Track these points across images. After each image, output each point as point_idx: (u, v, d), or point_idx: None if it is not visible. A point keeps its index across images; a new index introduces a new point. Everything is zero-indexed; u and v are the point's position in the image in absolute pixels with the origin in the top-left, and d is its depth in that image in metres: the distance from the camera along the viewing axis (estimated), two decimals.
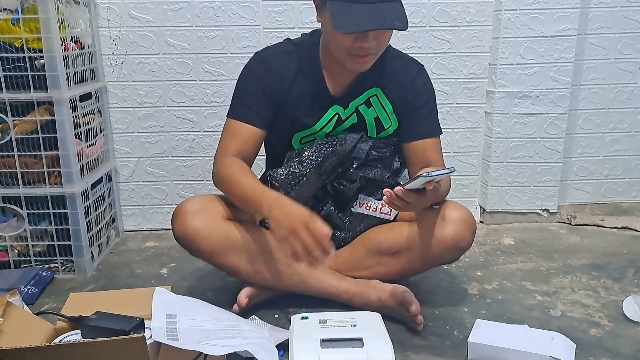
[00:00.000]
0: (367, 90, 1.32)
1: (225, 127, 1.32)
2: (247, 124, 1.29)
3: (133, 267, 1.68)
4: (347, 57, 1.21)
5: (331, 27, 1.16)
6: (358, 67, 1.24)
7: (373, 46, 1.18)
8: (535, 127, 1.92)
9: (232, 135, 1.29)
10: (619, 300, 1.39)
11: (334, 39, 1.20)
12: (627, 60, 1.96)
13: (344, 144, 1.30)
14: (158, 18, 1.82)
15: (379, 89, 1.32)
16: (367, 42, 1.16)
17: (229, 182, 1.24)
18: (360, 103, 1.33)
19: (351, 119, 1.33)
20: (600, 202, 2.08)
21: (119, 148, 1.92)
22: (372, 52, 1.20)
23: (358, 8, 1.13)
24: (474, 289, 1.50)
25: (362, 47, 1.17)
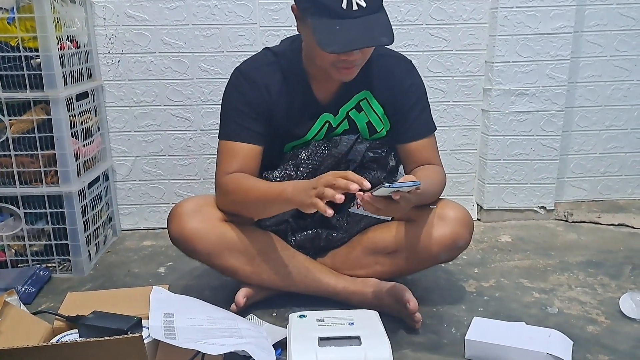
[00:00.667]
0: (356, 94, 1.30)
1: (220, 150, 1.28)
2: (242, 143, 1.25)
3: (130, 266, 1.68)
4: (331, 68, 1.18)
5: (314, 43, 1.12)
6: (343, 78, 1.21)
7: (359, 58, 1.16)
8: (532, 124, 1.93)
9: (230, 156, 1.25)
10: (615, 297, 1.39)
11: (317, 53, 1.16)
12: (623, 58, 1.96)
13: (339, 146, 1.29)
14: (154, 17, 1.82)
15: (368, 92, 1.31)
16: (352, 55, 1.14)
17: (242, 193, 1.22)
18: (351, 108, 1.31)
19: (342, 125, 1.32)
20: (596, 199, 2.09)
21: (116, 147, 1.91)
22: (357, 63, 1.18)
23: (342, 24, 1.08)
24: (472, 286, 1.50)
25: (348, 60, 1.15)
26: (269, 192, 1.18)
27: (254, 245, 1.28)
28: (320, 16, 1.10)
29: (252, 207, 1.25)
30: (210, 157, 1.92)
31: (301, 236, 1.35)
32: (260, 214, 1.27)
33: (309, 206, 1.08)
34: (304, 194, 1.08)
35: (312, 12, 1.11)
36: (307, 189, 1.08)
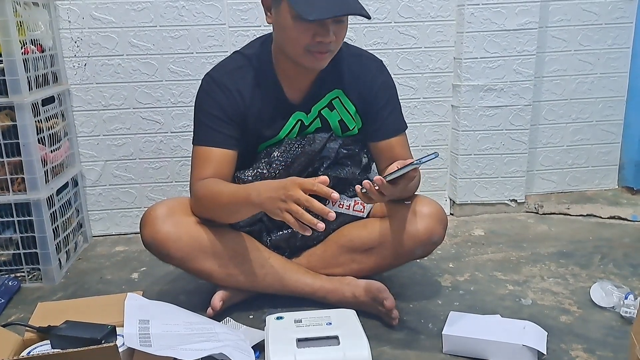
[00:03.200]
0: (327, 92, 1.31)
1: (194, 156, 1.27)
2: (216, 148, 1.25)
3: (103, 272, 1.65)
4: (305, 54, 1.18)
5: (291, 21, 1.14)
6: (316, 65, 1.21)
7: (333, 41, 1.17)
8: (501, 119, 1.96)
9: (204, 162, 1.25)
10: (586, 287, 1.43)
11: (291, 36, 1.17)
12: (586, 52, 2.01)
13: (312, 143, 1.30)
14: (121, 18, 1.79)
15: (340, 91, 1.31)
16: (327, 36, 1.14)
17: (211, 198, 1.21)
18: (323, 107, 1.32)
19: (315, 124, 1.33)
20: (565, 191, 2.14)
21: (85, 152, 1.87)
22: (331, 48, 1.18)
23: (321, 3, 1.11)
24: (447, 281, 1.52)
25: (323, 42, 1.15)
26: (236, 196, 1.16)
27: (228, 247, 1.27)
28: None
29: (222, 212, 1.23)
30: (181, 160, 1.90)
31: (276, 236, 1.35)
32: (232, 218, 1.26)
33: (279, 218, 1.07)
34: (270, 204, 1.07)
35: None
36: (274, 200, 1.06)
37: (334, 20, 1.14)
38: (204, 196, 1.22)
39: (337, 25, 1.16)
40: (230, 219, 1.27)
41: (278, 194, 1.05)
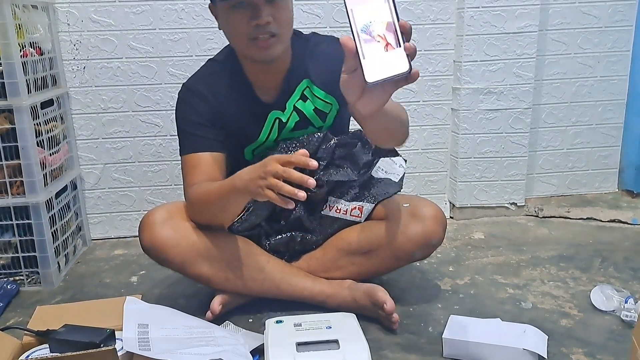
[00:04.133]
0: (297, 85, 1.31)
1: (183, 166, 1.28)
2: (202, 153, 1.26)
3: (102, 276, 1.65)
4: (250, 45, 1.19)
5: (227, 16, 1.17)
6: (265, 54, 1.20)
7: (271, 23, 1.16)
8: (501, 122, 1.96)
9: (193, 168, 1.25)
10: (587, 290, 1.42)
11: (233, 31, 1.20)
12: (586, 55, 2.01)
13: (306, 145, 1.29)
14: (120, 21, 1.78)
15: (307, 80, 1.31)
16: (261, 17, 1.14)
17: (202, 200, 1.21)
18: (296, 100, 1.31)
19: (292, 118, 1.32)
20: (565, 194, 2.13)
21: (84, 155, 1.87)
22: (273, 31, 1.17)
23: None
24: (447, 284, 1.51)
25: (260, 25, 1.15)
26: (223, 189, 1.16)
27: (227, 251, 1.27)
28: None
29: (215, 210, 1.22)
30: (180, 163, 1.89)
31: (275, 240, 1.34)
32: (225, 214, 1.24)
33: (263, 197, 1.04)
34: (252, 184, 1.05)
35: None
36: (254, 180, 1.05)
37: (266, 2, 1.15)
38: (196, 199, 1.22)
39: (270, 6, 1.15)
40: (224, 216, 1.25)
41: (257, 173, 1.04)
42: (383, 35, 0.73)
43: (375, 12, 0.74)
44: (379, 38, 0.74)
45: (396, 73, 0.73)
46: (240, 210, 1.25)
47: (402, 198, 1.36)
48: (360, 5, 0.74)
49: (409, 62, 0.73)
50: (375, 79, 0.73)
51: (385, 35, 0.73)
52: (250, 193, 1.08)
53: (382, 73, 0.73)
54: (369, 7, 0.74)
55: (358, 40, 0.73)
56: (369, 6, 0.74)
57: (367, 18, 0.73)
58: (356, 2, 0.74)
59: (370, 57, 0.73)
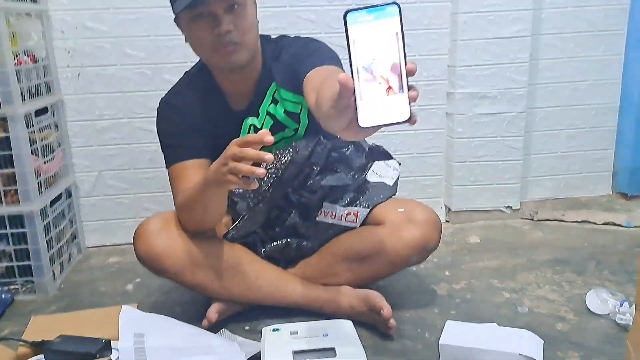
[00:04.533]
0: (267, 89, 1.31)
1: (171, 177, 1.29)
2: (189, 160, 1.27)
3: (97, 284, 1.64)
4: (214, 54, 1.20)
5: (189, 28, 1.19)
6: (228, 61, 1.20)
7: (232, 31, 1.16)
8: (495, 126, 1.96)
9: (179, 177, 1.26)
10: (582, 294, 1.42)
11: (196, 42, 1.22)
12: (579, 59, 2.02)
13: (299, 150, 1.28)
14: (115, 28, 1.78)
15: (274, 83, 1.30)
16: (222, 26, 1.15)
17: (186, 204, 1.21)
18: (268, 104, 1.31)
19: (267, 123, 1.32)
20: (560, 197, 2.14)
21: (79, 162, 1.86)
22: (235, 39, 1.17)
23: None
24: (443, 289, 1.52)
25: (221, 33, 1.15)
26: (198, 187, 1.15)
27: (223, 259, 1.27)
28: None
29: (199, 212, 1.21)
30: None
31: (271, 247, 1.34)
32: (210, 215, 1.23)
33: (229, 184, 1.04)
34: (218, 173, 1.05)
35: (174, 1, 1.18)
36: (218, 168, 1.04)
37: (225, 10, 1.15)
38: (181, 205, 1.23)
39: (230, 14, 1.16)
40: (209, 216, 1.23)
41: (220, 161, 1.04)
42: (386, 77, 0.65)
43: (381, 50, 0.65)
44: (381, 79, 0.65)
45: (395, 121, 0.66)
46: (222, 206, 1.23)
47: (397, 202, 1.36)
48: (365, 39, 0.64)
49: (410, 109, 0.65)
50: (370, 124, 0.65)
51: (389, 77, 0.65)
52: (219, 183, 1.07)
53: (379, 119, 0.65)
54: (375, 43, 0.64)
55: (357, 78, 0.65)
56: (375, 41, 0.64)
57: (371, 55, 0.64)
58: (361, 35, 0.64)
59: (369, 99, 0.65)
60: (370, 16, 0.65)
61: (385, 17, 0.65)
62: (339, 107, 0.66)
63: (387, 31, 0.64)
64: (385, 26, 0.64)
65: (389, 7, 0.65)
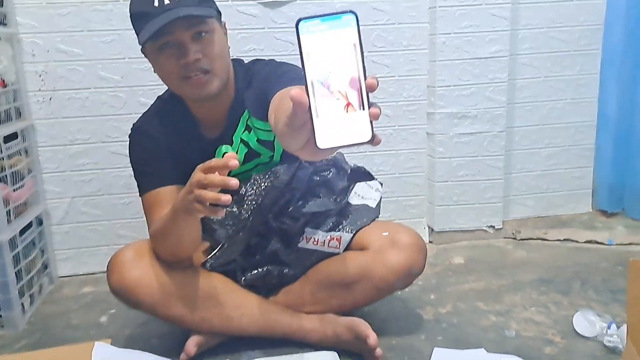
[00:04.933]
0: (240, 116, 1.26)
1: (145, 205, 1.24)
2: (163, 187, 1.22)
3: (69, 316, 1.57)
4: (183, 84, 1.15)
5: (155, 58, 1.15)
6: (198, 91, 1.15)
7: (201, 59, 1.12)
8: (476, 145, 1.96)
9: (154, 206, 1.21)
10: (569, 315, 1.41)
11: (163, 72, 1.16)
12: (556, 78, 2.03)
13: (279, 176, 1.24)
14: (88, 51, 1.74)
15: (246, 110, 1.26)
16: (189, 56, 1.10)
17: (158, 233, 1.16)
18: (242, 131, 1.27)
19: (240, 150, 1.27)
20: (541, 216, 2.14)
21: (50, 189, 1.80)
22: (204, 67, 1.13)
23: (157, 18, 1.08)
24: (429, 313, 1.48)
25: (188, 62, 1.11)
26: (168, 217, 1.11)
27: (201, 290, 1.22)
28: (142, 25, 1.11)
29: (172, 241, 1.16)
30: None
31: (251, 275, 1.30)
32: (184, 244, 1.18)
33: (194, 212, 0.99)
34: (184, 202, 1.00)
35: (138, 30, 1.13)
36: (184, 195, 1.00)
37: (191, 39, 1.11)
38: (155, 235, 1.18)
39: (197, 43, 1.11)
40: (183, 246, 1.18)
41: (186, 189, 1.00)
42: (345, 92, 0.58)
43: (338, 62, 0.58)
44: (339, 95, 0.58)
45: (355, 142, 0.58)
46: (196, 234, 1.18)
47: (381, 225, 1.33)
48: (320, 50, 0.58)
49: (371, 128, 0.58)
50: (329, 145, 0.58)
51: (347, 93, 0.58)
52: (187, 211, 1.02)
53: (338, 139, 0.58)
54: (330, 55, 0.58)
55: (313, 93, 0.57)
56: (331, 53, 0.58)
57: (327, 68, 0.57)
58: (315, 46, 0.57)
59: (326, 117, 0.58)
60: (324, 25, 0.57)
61: (342, 27, 0.57)
62: (294, 126, 0.59)
63: (343, 42, 0.57)
64: (342, 37, 0.57)
65: (345, 16, 0.57)
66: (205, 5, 1.14)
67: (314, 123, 0.58)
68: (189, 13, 1.08)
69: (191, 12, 1.09)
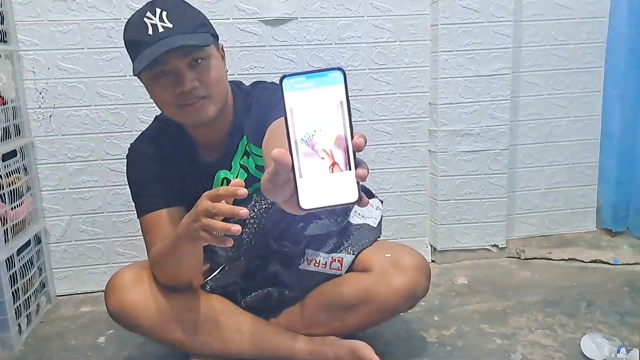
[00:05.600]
0: (239, 141, 1.23)
1: (143, 228, 1.22)
2: (161, 210, 1.19)
3: (67, 337, 1.54)
4: (180, 111, 1.11)
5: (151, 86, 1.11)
6: (196, 117, 1.12)
7: (196, 87, 1.08)
8: (479, 163, 1.94)
9: (152, 229, 1.19)
10: (576, 338, 1.38)
11: (159, 99, 1.13)
12: (559, 96, 2.02)
13: None
14: (89, 68, 1.73)
15: (245, 136, 1.23)
16: (184, 84, 1.07)
17: (158, 258, 1.14)
18: (241, 157, 1.24)
19: (240, 176, 1.25)
20: (545, 234, 2.11)
21: (49, 207, 1.78)
22: (201, 94, 1.10)
23: (151, 48, 1.05)
24: (433, 336, 1.46)
25: (184, 91, 1.08)
26: (170, 243, 1.09)
27: (201, 313, 1.19)
28: (136, 54, 1.08)
29: (172, 267, 1.14)
30: None
31: (251, 297, 1.27)
32: (185, 270, 1.16)
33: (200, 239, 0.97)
34: (189, 229, 0.99)
35: (134, 58, 1.10)
36: (189, 224, 0.98)
37: (187, 66, 1.08)
38: (154, 259, 1.15)
39: (193, 70, 1.09)
40: (183, 271, 1.16)
41: (191, 216, 0.98)
42: (330, 151, 0.55)
43: (323, 120, 0.55)
44: (323, 154, 0.55)
45: (340, 203, 0.56)
46: (197, 260, 1.16)
47: (383, 246, 1.31)
48: (305, 108, 0.55)
49: (358, 190, 0.56)
50: (312, 206, 0.56)
51: (332, 151, 0.55)
52: (191, 239, 1.00)
53: (323, 200, 0.56)
54: (316, 113, 0.55)
55: (295, 152, 0.55)
56: (316, 111, 0.55)
57: (311, 126, 0.55)
58: (299, 103, 0.55)
59: (309, 177, 0.55)
60: (310, 83, 0.55)
61: (328, 84, 0.55)
62: (276, 183, 0.56)
63: (329, 100, 0.55)
64: (328, 95, 0.55)
65: (332, 73, 0.55)
66: (201, 31, 1.10)
67: (297, 183, 0.55)
68: (183, 43, 1.05)
69: (186, 41, 1.06)
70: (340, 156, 0.55)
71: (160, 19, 1.06)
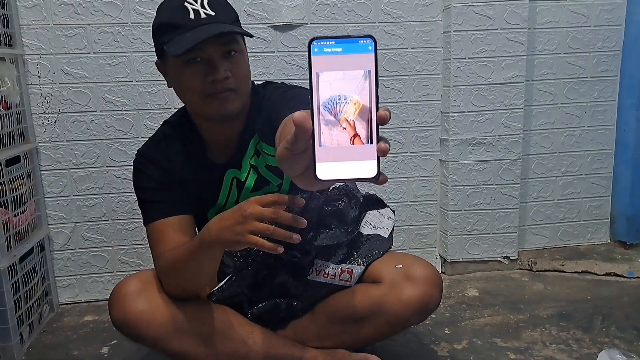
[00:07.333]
0: (250, 140, 1.20)
1: (149, 236, 1.18)
2: (167, 218, 1.15)
3: (69, 347, 1.51)
4: (206, 101, 1.09)
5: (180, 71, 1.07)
6: (223, 108, 1.09)
7: (228, 78, 1.07)
8: (491, 173, 1.90)
9: (160, 236, 1.15)
10: (591, 353, 1.34)
11: (186, 86, 1.09)
12: (573, 105, 1.98)
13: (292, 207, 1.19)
14: (94, 73, 1.71)
15: (256, 135, 1.20)
16: (218, 72, 1.05)
17: (172, 266, 1.10)
18: (251, 156, 1.21)
19: (251, 177, 1.22)
20: (558, 246, 2.07)
21: (53, 213, 1.75)
22: (231, 86, 1.08)
23: (192, 32, 1.04)
24: (444, 349, 1.41)
25: (216, 80, 1.06)
26: (191, 249, 1.05)
27: (207, 324, 1.15)
28: (173, 37, 1.05)
29: (188, 275, 1.10)
30: None
31: (258, 308, 1.24)
32: (201, 278, 1.13)
33: (243, 245, 0.95)
34: (227, 233, 0.96)
35: (167, 41, 1.06)
36: (230, 227, 0.95)
37: (221, 56, 1.06)
38: (166, 269, 1.11)
39: (226, 61, 1.07)
40: (199, 280, 1.13)
41: (234, 219, 0.95)
42: (352, 122, 0.53)
43: (349, 89, 0.52)
44: (345, 124, 0.53)
45: (358, 177, 0.53)
46: (215, 268, 1.13)
47: (394, 257, 1.27)
48: (331, 71, 0.52)
49: (378, 165, 0.53)
50: (328, 177, 0.53)
51: (355, 122, 0.53)
52: (224, 243, 0.98)
53: (339, 172, 0.53)
54: (342, 80, 0.52)
55: (317, 119, 0.52)
56: (342, 78, 0.52)
57: (336, 94, 0.52)
58: (325, 66, 0.52)
59: (329, 147, 0.53)
60: (339, 47, 0.53)
61: (358, 51, 0.53)
62: (294, 151, 0.54)
63: (357, 68, 0.53)
64: (356, 62, 0.53)
65: (363, 41, 0.53)
66: (237, 24, 1.11)
67: (315, 151, 0.53)
68: (230, 30, 1.05)
69: (231, 29, 1.05)
70: (362, 128, 0.53)
71: (202, 5, 1.06)
